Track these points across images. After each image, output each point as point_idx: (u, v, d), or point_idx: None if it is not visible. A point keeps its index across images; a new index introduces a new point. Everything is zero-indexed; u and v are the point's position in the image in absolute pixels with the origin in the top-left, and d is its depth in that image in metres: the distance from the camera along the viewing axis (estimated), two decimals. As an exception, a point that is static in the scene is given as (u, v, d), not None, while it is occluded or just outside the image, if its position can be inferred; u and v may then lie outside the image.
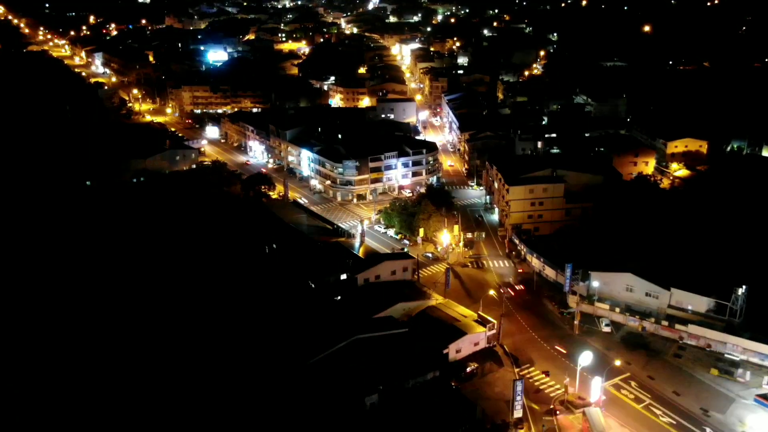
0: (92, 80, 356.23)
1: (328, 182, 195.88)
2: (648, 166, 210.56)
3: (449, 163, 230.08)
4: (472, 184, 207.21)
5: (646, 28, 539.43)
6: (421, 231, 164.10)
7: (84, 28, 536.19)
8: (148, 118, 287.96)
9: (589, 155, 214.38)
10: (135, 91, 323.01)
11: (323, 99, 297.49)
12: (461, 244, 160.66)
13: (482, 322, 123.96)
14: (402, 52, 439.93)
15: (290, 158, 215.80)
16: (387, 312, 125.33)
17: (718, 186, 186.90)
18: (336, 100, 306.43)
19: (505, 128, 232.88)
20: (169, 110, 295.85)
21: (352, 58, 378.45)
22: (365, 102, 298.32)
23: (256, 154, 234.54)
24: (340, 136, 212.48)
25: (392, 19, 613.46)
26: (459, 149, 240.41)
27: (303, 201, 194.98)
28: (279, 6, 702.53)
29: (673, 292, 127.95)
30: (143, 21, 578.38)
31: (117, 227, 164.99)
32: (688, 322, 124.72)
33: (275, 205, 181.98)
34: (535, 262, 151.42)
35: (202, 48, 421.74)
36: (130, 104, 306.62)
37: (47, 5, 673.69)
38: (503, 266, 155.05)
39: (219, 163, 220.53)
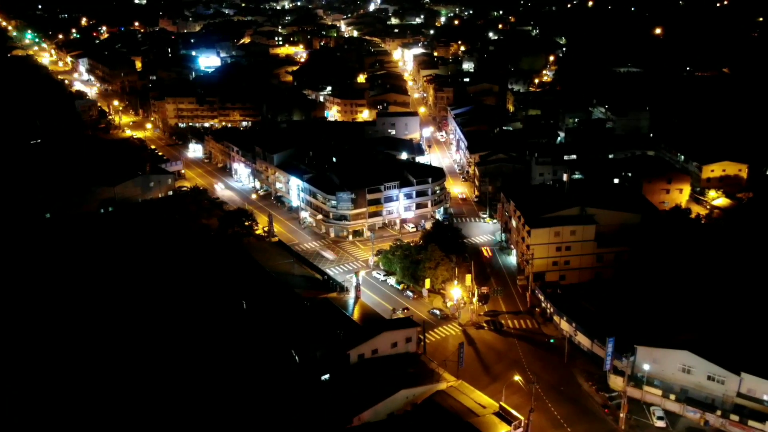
0: (74, 89, 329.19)
1: (320, 216, 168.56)
2: (682, 194, 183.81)
3: (457, 190, 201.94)
4: (485, 216, 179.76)
5: (657, 31, 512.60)
6: (427, 282, 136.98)
7: (74, 30, 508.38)
8: (128, 132, 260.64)
9: (617, 183, 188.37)
10: (116, 102, 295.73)
11: (319, 111, 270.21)
12: (475, 299, 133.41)
13: (506, 417, 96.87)
14: (404, 57, 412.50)
15: (278, 185, 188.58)
16: (386, 403, 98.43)
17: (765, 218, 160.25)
18: (333, 112, 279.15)
19: (518, 148, 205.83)
20: (149, 125, 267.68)
21: (351, 65, 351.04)
22: (364, 115, 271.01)
23: (242, 177, 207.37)
24: (334, 159, 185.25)
25: (394, 20, 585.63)
26: (467, 171, 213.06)
27: (292, 236, 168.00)
28: (278, 7, 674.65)
29: (744, 378, 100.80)
30: (136, 23, 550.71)
31: (72, 271, 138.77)
32: (766, 418, 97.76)
33: (257, 247, 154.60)
34: (565, 326, 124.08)
35: (193, 53, 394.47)
36: (111, 116, 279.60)
37: (39, 6, 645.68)
38: (526, 326, 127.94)
39: (198, 190, 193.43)
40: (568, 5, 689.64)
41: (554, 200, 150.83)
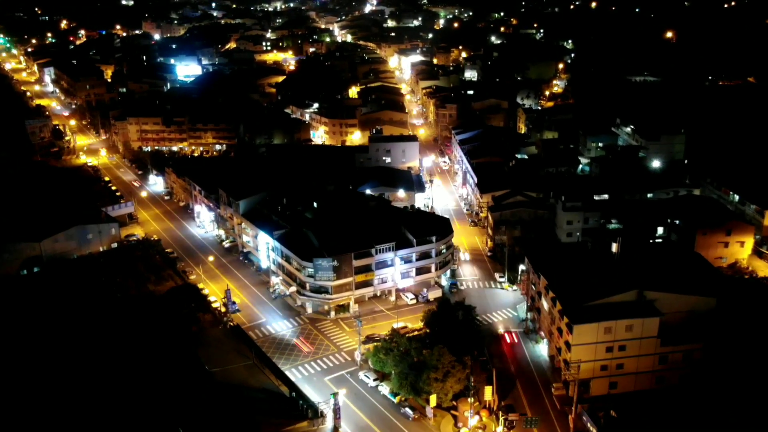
0: (35, 102, 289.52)
1: (294, 289, 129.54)
2: (743, 247, 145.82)
3: (465, 256, 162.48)
4: (502, 279, 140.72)
5: (669, 34, 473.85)
6: (433, 398, 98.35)
7: (49, 35, 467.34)
8: (83, 159, 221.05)
9: (662, 233, 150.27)
10: (72, 122, 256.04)
11: (303, 133, 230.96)
12: (500, 429, 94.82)
13: None
14: (401, 65, 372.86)
15: (245, 238, 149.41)
16: None
17: None
18: (320, 133, 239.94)
19: (537, 182, 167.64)
20: (103, 152, 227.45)
21: (343, 75, 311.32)
22: (355, 137, 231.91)
23: (205, 222, 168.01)
24: (315, 204, 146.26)
25: (390, 23, 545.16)
26: (476, 212, 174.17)
27: (258, 310, 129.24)
28: (269, 9, 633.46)
29: None
30: (118, 26, 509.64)
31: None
32: None
33: (209, 338, 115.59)
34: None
35: (172, 61, 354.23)
36: (67, 137, 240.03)
37: (20, 8, 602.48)
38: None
39: (149, 242, 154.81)
40: (571, 6, 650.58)
41: (597, 273, 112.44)
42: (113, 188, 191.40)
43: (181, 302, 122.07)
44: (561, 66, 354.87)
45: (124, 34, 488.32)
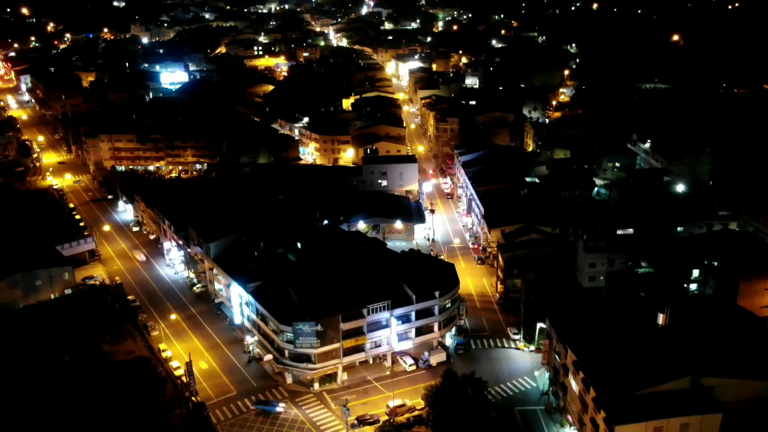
0: (7, 113, 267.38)
1: (270, 357, 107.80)
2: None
3: (474, 315, 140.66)
4: (516, 336, 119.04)
5: (675, 38, 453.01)
6: None
7: (33, 38, 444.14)
8: (50, 180, 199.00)
9: (697, 280, 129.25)
10: (40, 137, 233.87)
11: (292, 150, 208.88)
12: None
13: None
14: (398, 71, 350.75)
15: (217, 286, 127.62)
16: None
17: None
18: (310, 150, 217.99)
19: (552, 217, 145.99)
20: (68, 176, 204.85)
21: (337, 83, 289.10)
22: (348, 154, 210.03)
23: (175, 261, 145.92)
24: (299, 245, 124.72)
25: (388, 25, 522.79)
26: (483, 247, 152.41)
27: (228, 380, 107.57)
28: (264, 11, 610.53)
29: None
30: (105, 30, 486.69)
31: None
32: None
33: (165, 428, 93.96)
34: None
35: (157, 67, 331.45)
36: (36, 155, 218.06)
37: (8, 9, 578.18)
38: None
39: (106, 289, 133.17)
40: (572, 8, 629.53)
41: (636, 346, 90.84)
42: (77, 217, 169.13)
43: (138, 375, 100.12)
44: (567, 72, 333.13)
45: (112, 38, 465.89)
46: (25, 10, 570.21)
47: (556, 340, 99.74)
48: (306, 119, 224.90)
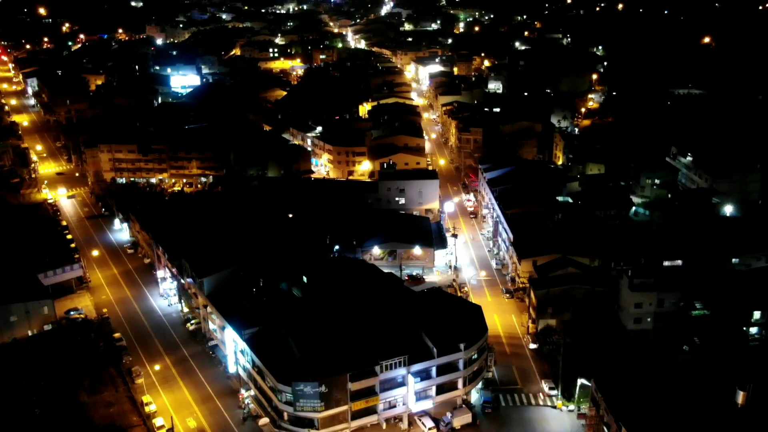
0: (10, 119, 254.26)
1: (266, 420, 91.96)
2: None
3: (503, 363, 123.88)
4: (553, 391, 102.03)
5: (706, 40, 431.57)
6: None
7: (46, 39, 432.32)
8: (45, 193, 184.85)
9: (758, 323, 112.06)
10: (39, 147, 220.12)
11: (303, 162, 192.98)
12: None
13: None
14: (418, 74, 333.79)
15: (212, 326, 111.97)
16: None
17: None
18: (322, 161, 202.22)
19: (589, 243, 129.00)
20: (62, 190, 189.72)
21: (354, 89, 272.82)
22: (364, 167, 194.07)
23: (170, 292, 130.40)
24: (305, 278, 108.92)
25: (407, 26, 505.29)
26: (513, 277, 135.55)
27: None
28: (282, 11, 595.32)
29: None
30: (120, 30, 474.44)
31: None
32: None
33: None
34: None
35: (169, 70, 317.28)
36: (34, 164, 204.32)
37: (25, 10, 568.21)
38: None
39: (90, 325, 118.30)
40: (597, 8, 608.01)
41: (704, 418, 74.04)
42: (69, 237, 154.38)
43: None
44: (595, 77, 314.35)
45: (126, 39, 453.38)
46: (42, 10, 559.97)
47: (604, 409, 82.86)
48: (319, 128, 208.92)
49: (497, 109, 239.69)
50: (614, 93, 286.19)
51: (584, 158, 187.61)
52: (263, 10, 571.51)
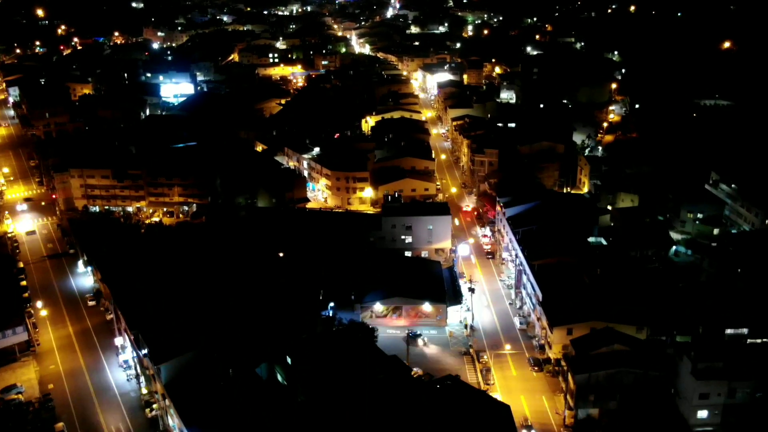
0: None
1: None
2: None
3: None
4: None
5: (727, 45, 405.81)
6: None
7: (38, 43, 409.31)
8: (8, 223, 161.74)
9: None
10: (6, 169, 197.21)
11: (298, 189, 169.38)
12: None
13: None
14: (426, 83, 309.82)
15: (170, 422, 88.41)
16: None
17: None
18: (320, 187, 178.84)
19: (636, 313, 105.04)
20: (28, 221, 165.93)
21: (357, 101, 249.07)
22: (366, 193, 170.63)
23: (130, 360, 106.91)
24: (289, 360, 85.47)
25: (414, 29, 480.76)
26: (541, 343, 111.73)
27: None
28: (285, 13, 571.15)
29: None
30: (116, 33, 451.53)
31: None
32: None
33: None
34: None
35: (161, 78, 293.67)
36: (2, 189, 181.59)
37: (22, 11, 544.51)
38: None
39: (33, 404, 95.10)
40: (608, 10, 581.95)
41: None
42: (23, 283, 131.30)
43: None
44: (614, 86, 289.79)
45: (122, 42, 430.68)
46: (40, 12, 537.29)
47: None
48: (317, 149, 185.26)
49: (512, 125, 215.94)
50: (637, 105, 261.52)
51: (614, 186, 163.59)
52: (265, 12, 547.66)
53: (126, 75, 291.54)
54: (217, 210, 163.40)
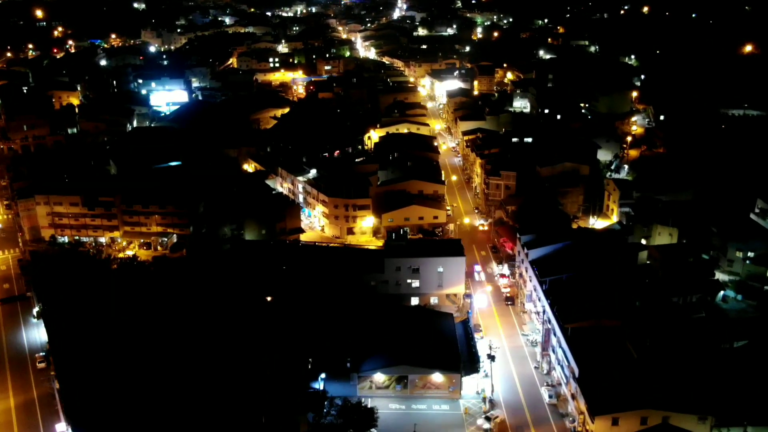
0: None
1: None
2: None
3: None
4: None
5: (748, 48, 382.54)
6: None
7: (31, 46, 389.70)
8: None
9: None
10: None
11: (291, 218, 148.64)
12: None
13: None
14: (434, 90, 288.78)
15: None
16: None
17: None
18: (316, 213, 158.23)
19: (700, 399, 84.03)
20: None
21: (360, 111, 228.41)
22: (368, 223, 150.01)
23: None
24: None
25: (421, 31, 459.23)
26: (575, 426, 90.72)
27: None
28: (290, 14, 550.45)
29: None
30: (113, 35, 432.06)
31: None
32: None
33: None
34: None
35: (154, 84, 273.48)
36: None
37: (21, 12, 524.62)
38: None
39: None
40: (621, 11, 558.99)
41: None
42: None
43: None
44: (635, 94, 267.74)
45: (119, 44, 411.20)
46: (39, 13, 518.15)
47: None
48: (314, 171, 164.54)
49: (529, 139, 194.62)
50: (662, 117, 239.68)
51: (649, 218, 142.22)
52: (268, 14, 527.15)
53: (114, 82, 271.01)
54: (199, 242, 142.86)
